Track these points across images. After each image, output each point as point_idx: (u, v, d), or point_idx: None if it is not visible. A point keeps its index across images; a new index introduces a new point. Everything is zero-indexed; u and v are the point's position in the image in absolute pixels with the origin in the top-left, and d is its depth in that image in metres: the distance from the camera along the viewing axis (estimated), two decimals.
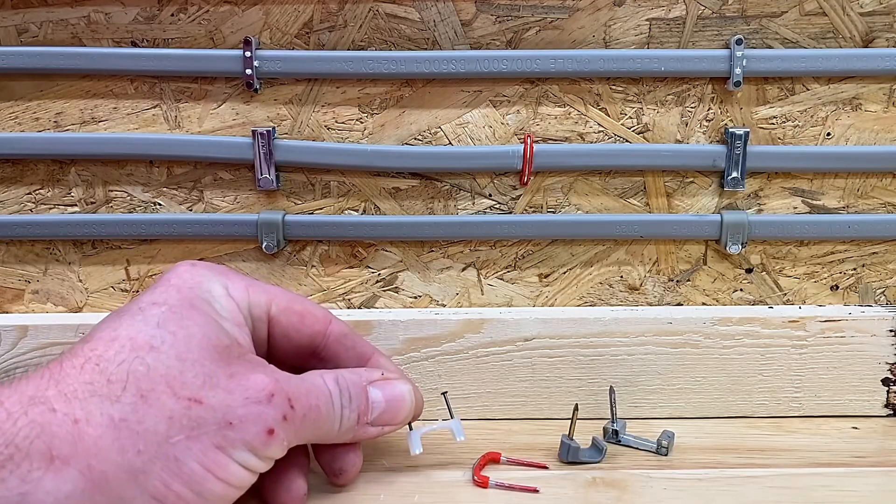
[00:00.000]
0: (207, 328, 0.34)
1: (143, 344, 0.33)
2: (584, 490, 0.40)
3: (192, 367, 0.33)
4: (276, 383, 0.34)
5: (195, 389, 0.32)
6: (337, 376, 0.38)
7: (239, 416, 0.33)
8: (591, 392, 0.48)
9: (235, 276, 0.38)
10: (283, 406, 0.34)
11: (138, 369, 0.32)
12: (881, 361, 0.47)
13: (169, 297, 0.35)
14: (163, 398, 0.32)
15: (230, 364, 0.34)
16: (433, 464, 0.43)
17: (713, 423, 0.47)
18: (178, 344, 0.33)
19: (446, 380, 0.48)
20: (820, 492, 0.40)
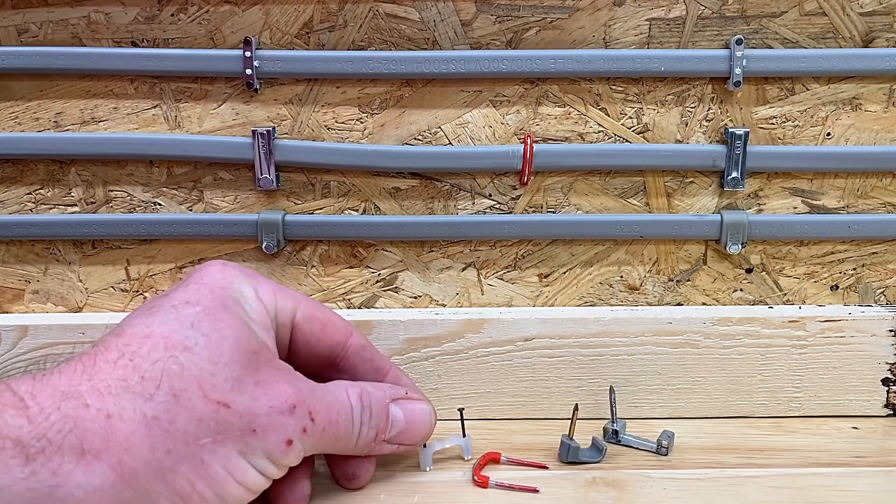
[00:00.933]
0: (239, 331, 0.34)
1: (176, 343, 0.33)
2: (584, 490, 0.40)
3: (222, 371, 0.33)
4: (299, 394, 0.35)
5: (224, 393, 0.33)
6: (361, 391, 0.38)
7: (262, 425, 0.33)
8: (591, 392, 0.48)
9: (263, 280, 0.39)
10: (303, 418, 0.35)
11: (172, 368, 0.32)
12: (881, 361, 0.47)
13: (202, 297, 0.35)
14: (194, 399, 0.32)
15: (258, 370, 0.34)
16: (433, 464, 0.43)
17: (713, 423, 0.47)
18: (210, 346, 0.33)
19: (446, 380, 0.48)
20: (820, 492, 0.40)
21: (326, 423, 0.36)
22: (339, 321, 0.41)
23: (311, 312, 0.40)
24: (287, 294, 0.39)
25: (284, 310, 0.39)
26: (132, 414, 0.31)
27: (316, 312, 0.40)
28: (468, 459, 0.43)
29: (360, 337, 0.41)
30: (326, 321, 0.40)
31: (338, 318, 0.41)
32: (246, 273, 0.38)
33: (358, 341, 0.41)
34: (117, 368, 0.32)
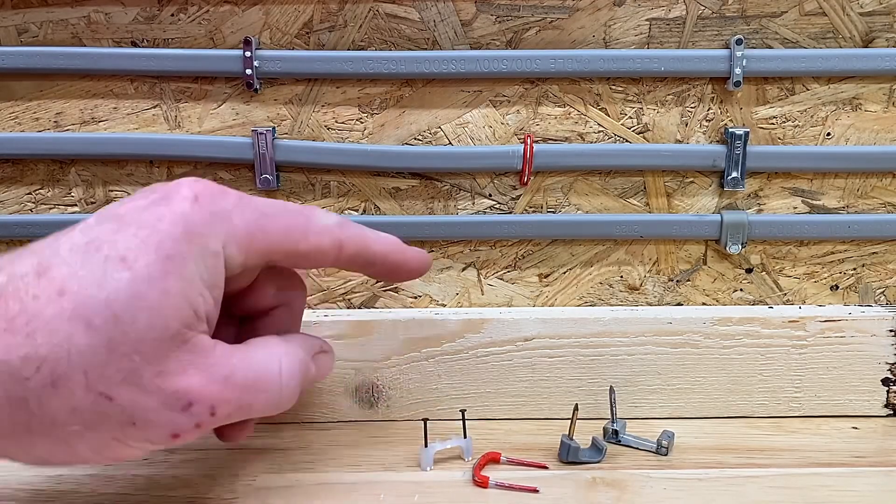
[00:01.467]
0: (164, 309, 0.31)
1: (81, 316, 0.29)
2: (584, 490, 0.40)
3: (118, 360, 0.30)
4: (203, 389, 0.32)
5: (111, 385, 0.30)
6: (295, 364, 0.36)
7: (144, 419, 0.31)
8: (591, 392, 0.48)
9: (239, 221, 0.34)
10: (200, 415, 0.32)
11: (60, 352, 0.29)
12: (881, 361, 0.47)
13: (142, 255, 0.31)
14: (74, 389, 0.30)
15: (166, 357, 0.31)
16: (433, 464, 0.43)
17: (713, 423, 0.47)
18: (116, 329, 0.30)
19: (446, 380, 0.48)
20: (820, 492, 0.40)
21: (234, 409, 0.33)
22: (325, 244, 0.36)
23: (289, 250, 0.36)
24: (264, 234, 0.35)
25: (256, 255, 0.35)
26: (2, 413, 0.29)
27: (297, 247, 0.36)
28: (468, 461, 0.43)
29: (353, 245, 0.37)
30: (308, 253, 0.36)
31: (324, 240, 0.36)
32: (220, 213, 0.33)
33: (349, 253, 0.37)
34: (8, 331, 0.29)
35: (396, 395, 0.48)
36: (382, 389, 0.48)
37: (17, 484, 0.42)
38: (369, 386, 0.48)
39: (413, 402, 0.48)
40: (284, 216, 0.36)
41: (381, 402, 0.48)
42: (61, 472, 0.43)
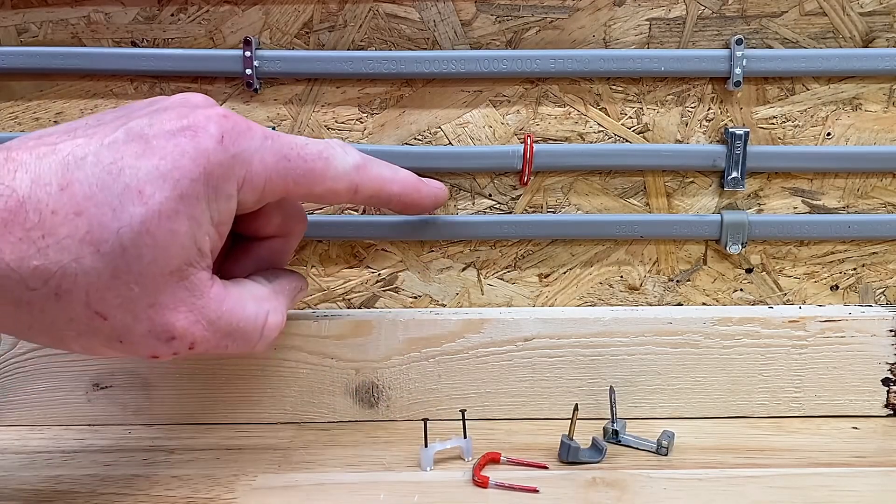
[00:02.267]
0: (170, 248, 0.32)
1: (93, 241, 0.31)
2: (584, 490, 0.40)
3: (118, 287, 0.32)
4: (186, 328, 0.34)
5: (107, 307, 0.32)
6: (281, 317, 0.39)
7: (131, 341, 0.33)
8: (591, 392, 0.48)
9: (259, 166, 0.35)
10: (179, 348, 0.34)
11: (69, 269, 0.31)
12: (881, 361, 0.47)
13: (159, 192, 0.32)
14: (74, 303, 0.32)
15: (162, 291, 0.33)
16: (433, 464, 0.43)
17: (713, 423, 0.47)
18: (122, 259, 0.32)
19: (446, 380, 0.48)
20: (820, 492, 0.40)
21: (212, 347, 0.35)
22: (340, 188, 0.38)
23: (305, 193, 0.37)
24: (281, 178, 0.36)
25: (272, 195, 0.37)
26: (7, 296, 0.31)
27: (313, 191, 0.38)
28: (468, 461, 0.43)
29: (369, 188, 0.40)
30: (323, 195, 0.38)
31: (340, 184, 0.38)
32: (243, 156, 0.34)
33: (364, 195, 0.40)
34: (24, 241, 0.31)
35: (396, 395, 0.48)
36: (382, 389, 0.48)
37: (16, 484, 0.42)
38: (369, 386, 0.48)
39: (413, 402, 0.48)
40: (304, 162, 0.37)
41: (381, 402, 0.48)
42: (61, 472, 0.43)
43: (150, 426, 0.48)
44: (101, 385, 0.48)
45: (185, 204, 0.33)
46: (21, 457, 0.45)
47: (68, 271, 0.31)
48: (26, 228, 0.30)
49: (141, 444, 0.46)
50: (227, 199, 0.34)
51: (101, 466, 0.44)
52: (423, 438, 0.42)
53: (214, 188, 0.34)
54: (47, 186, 0.31)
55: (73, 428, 0.48)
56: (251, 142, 0.35)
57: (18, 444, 0.46)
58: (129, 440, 0.47)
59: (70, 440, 0.47)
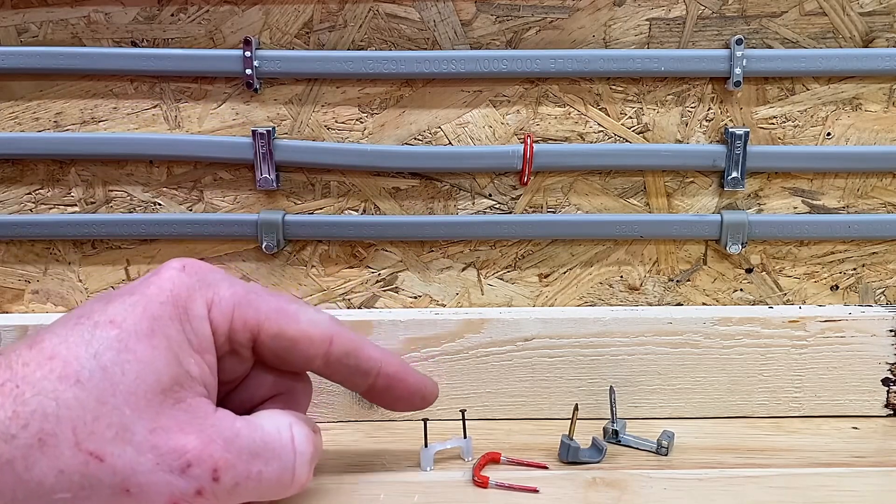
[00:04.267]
0: (154, 362, 0.30)
1: (71, 374, 0.29)
2: (584, 490, 0.40)
3: (109, 414, 0.29)
4: (204, 448, 0.30)
5: (102, 443, 0.29)
6: (309, 432, 0.35)
7: (139, 485, 0.29)
8: (591, 392, 0.48)
9: (227, 291, 0.34)
10: (201, 478, 0.30)
11: (48, 407, 0.28)
12: (881, 361, 0.47)
13: (130, 315, 0.31)
14: (62, 447, 0.28)
15: (160, 413, 0.30)
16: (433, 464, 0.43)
17: (713, 423, 0.47)
18: (104, 381, 0.29)
19: (446, 380, 0.48)
20: (820, 492, 0.40)
21: (241, 477, 0.31)
22: (315, 333, 0.35)
23: (277, 331, 0.34)
24: (252, 310, 0.34)
25: (242, 330, 0.34)
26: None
27: (286, 329, 0.35)
28: (468, 461, 0.43)
29: (345, 342, 0.36)
30: (297, 338, 0.35)
31: (316, 328, 0.35)
32: (207, 281, 0.34)
33: (339, 350, 0.36)
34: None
35: None
36: None
37: None
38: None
39: None
40: (274, 299, 0.35)
41: None
42: None
43: None
44: None
45: (159, 324, 0.31)
46: None
47: (48, 408, 0.28)
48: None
49: None
50: (199, 320, 0.33)
51: None
52: (423, 438, 0.42)
53: (184, 308, 0.33)
54: (16, 350, 0.30)
55: None
56: (215, 273, 0.35)
57: None
58: None
59: None
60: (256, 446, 0.32)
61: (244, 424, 0.32)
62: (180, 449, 0.30)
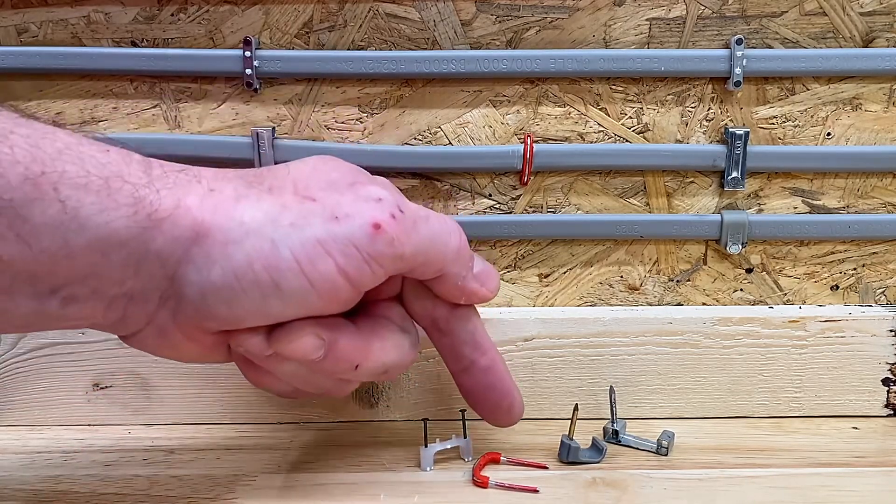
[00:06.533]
0: (350, 167, 0.37)
1: (297, 161, 0.37)
2: (584, 490, 0.40)
3: (319, 176, 0.36)
4: (391, 194, 0.36)
5: (314, 191, 0.35)
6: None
7: (345, 212, 0.34)
8: (591, 392, 0.48)
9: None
10: (390, 207, 0.35)
11: (278, 172, 0.36)
12: (881, 361, 0.47)
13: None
14: (285, 193, 0.35)
15: (356, 180, 0.36)
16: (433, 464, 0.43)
17: (713, 423, 0.47)
18: (320, 161, 0.37)
19: (446, 380, 0.47)
20: (820, 492, 0.40)
21: (417, 217, 0.36)
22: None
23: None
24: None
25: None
26: (230, 191, 0.34)
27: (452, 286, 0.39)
28: (468, 461, 0.43)
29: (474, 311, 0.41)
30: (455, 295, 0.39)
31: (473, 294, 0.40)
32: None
33: (469, 313, 0.41)
34: (241, 172, 0.36)
35: (396, 395, 0.48)
36: (382, 389, 0.48)
37: (16, 484, 0.42)
38: (369, 386, 0.48)
39: (413, 402, 0.48)
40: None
41: (381, 402, 0.48)
42: (61, 472, 0.43)
43: (150, 426, 0.48)
44: (101, 385, 0.48)
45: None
46: (21, 457, 0.45)
47: (280, 174, 0.36)
48: (251, 173, 0.37)
49: (141, 444, 0.46)
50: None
51: (101, 466, 0.44)
52: (423, 438, 0.42)
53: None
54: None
55: (73, 428, 0.48)
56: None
57: (18, 444, 0.46)
58: (129, 440, 0.47)
59: (70, 440, 0.47)
60: (424, 210, 0.37)
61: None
62: (373, 192, 0.35)
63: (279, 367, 0.37)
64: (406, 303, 0.41)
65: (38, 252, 0.30)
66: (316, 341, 0.35)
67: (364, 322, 0.38)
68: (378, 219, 0.34)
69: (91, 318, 0.34)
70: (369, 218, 0.34)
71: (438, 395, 0.48)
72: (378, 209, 0.34)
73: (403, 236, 0.35)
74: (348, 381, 0.39)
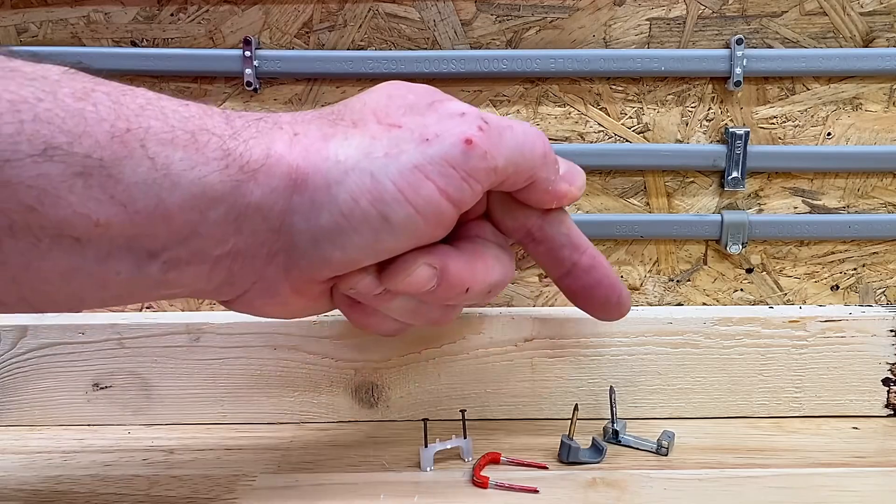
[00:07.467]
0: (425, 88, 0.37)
1: (366, 92, 0.36)
2: (584, 490, 0.40)
3: (397, 101, 0.35)
4: (470, 108, 0.35)
5: (396, 118, 0.34)
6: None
7: (433, 132, 0.33)
8: (591, 392, 0.48)
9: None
10: (476, 121, 0.34)
11: (355, 105, 0.36)
12: (881, 361, 0.47)
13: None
14: (369, 125, 0.34)
15: (433, 99, 0.35)
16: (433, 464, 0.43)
17: (713, 423, 0.47)
18: (391, 89, 0.36)
19: (446, 380, 0.48)
20: (820, 492, 0.40)
21: (502, 127, 0.35)
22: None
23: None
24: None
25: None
26: (315, 132, 0.34)
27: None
28: (468, 461, 0.43)
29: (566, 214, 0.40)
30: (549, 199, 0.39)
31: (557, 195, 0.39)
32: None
33: (563, 215, 0.40)
34: (317, 112, 0.36)
35: (396, 395, 0.48)
36: (382, 389, 0.48)
37: (16, 484, 0.42)
38: (369, 386, 0.48)
39: (413, 402, 0.48)
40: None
41: (381, 402, 0.48)
42: (61, 472, 0.43)
43: (150, 426, 0.48)
44: (101, 385, 0.48)
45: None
46: (21, 457, 0.45)
47: (356, 107, 0.35)
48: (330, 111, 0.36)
49: (141, 444, 0.46)
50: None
51: (100, 466, 0.44)
52: (423, 438, 0.42)
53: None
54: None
55: (72, 428, 0.48)
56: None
57: (18, 444, 0.46)
58: (129, 440, 0.47)
59: (70, 440, 0.47)
60: (506, 119, 0.36)
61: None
62: (455, 108, 0.35)
63: (389, 304, 0.37)
64: (495, 219, 0.40)
65: (134, 213, 0.30)
66: (429, 271, 0.35)
67: (463, 245, 0.38)
68: (468, 133, 0.33)
69: (194, 283, 0.33)
70: (459, 134, 0.33)
71: (438, 395, 0.48)
72: (465, 124, 0.34)
73: (494, 148, 0.34)
74: (454, 306, 0.40)
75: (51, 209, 0.28)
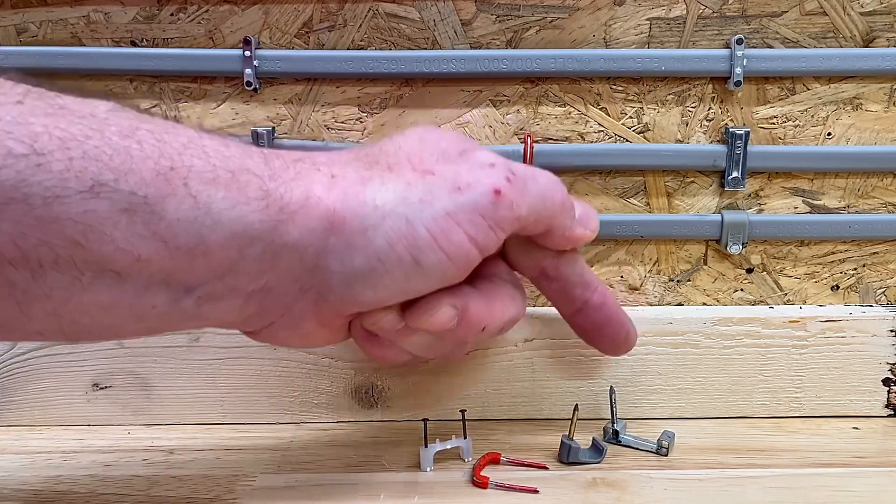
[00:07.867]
0: (454, 137, 0.38)
1: (400, 137, 0.37)
2: (584, 490, 0.40)
3: (430, 148, 0.36)
4: (499, 159, 0.36)
5: (430, 164, 0.35)
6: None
7: (465, 181, 0.34)
8: (591, 392, 0.48)
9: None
10: (504, 171, 0.35)
11: (389, 149, 0.36)
12: (882, 361, 0.47)
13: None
14: (405, 170, 0.35)
15: (464, 148, 0.36)
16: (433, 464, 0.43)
17: (714, 423, 0.47)
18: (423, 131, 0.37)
19: (446, 380, 0.47)
20: (820, 492, 0.40)
21: (527, 178, 0.36)
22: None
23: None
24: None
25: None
26: (353, 175, 0.35)
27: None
28: (468, 461, 0.43)
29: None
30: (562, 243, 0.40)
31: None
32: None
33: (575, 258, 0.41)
34: (351, 154, 0.36)
35: (396, 395, 0.48)
36: (382, 389, 0.48)
37: (16, 484, 0.42)
38: (369, 386, 0.48)
39: (413, 402, 0.48)
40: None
41: (380, 402, 0.48)
42: (60, 472, 0.43)
43: (150, 426, 0.48)
44: (101, 385, 0.48)
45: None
46: (21, 457, 0.45)
47: (390, 150, 0.36)
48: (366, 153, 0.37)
49: (141, 444, 0.46)
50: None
51: (100, 466, 0.44)
52: (423, 438, 0.42)
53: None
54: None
55: (72, 428, 0.48)
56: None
57: (18, 444, 0.46)
58: (128, 440, 0.47)
59: (70, 440, 0.47)
60: (531, 169, 0.37)
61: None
62: (485, 158, 0.36)
63: (407, 340, 0.38)
64: (511, 258, 0.41)
65: (174, 249, 0.30)
66: (451, 311, 0.36)
67: (481, 284, 0.39)
68: (497, 185, 0.34)
69: (225, 316, 0.34)
70: (489, 185, 0.34)
71: (438, 396, 0.48)
72: (494, 175, 0.35)
73: (520, 198, 0.35)
74: (467, 342, 0.41)
75: (95, 244, 0.29)
